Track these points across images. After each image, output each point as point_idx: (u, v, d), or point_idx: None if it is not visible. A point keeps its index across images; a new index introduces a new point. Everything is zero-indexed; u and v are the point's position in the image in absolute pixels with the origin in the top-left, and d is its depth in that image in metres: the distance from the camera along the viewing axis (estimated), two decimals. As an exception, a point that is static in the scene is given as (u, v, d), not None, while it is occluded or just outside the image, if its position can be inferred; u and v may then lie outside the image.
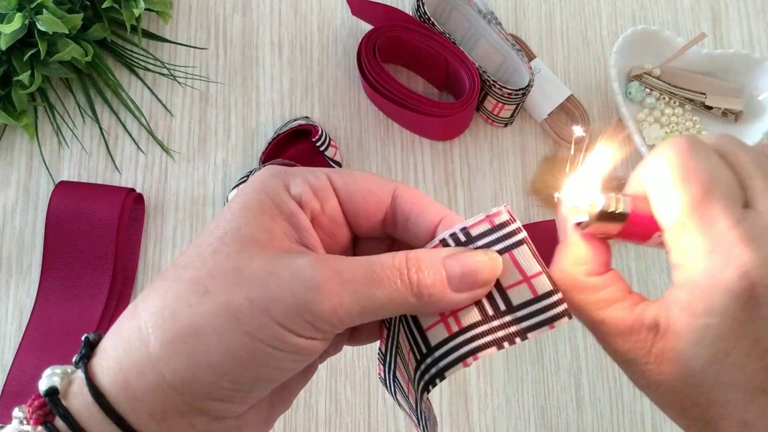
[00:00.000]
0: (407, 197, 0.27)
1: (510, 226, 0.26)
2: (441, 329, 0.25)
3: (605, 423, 0.56)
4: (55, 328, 0.56)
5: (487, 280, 0.25)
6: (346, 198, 0.26)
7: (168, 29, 0.65)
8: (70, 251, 0.57)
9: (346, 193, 0.26)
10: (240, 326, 0.23)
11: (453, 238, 0.26)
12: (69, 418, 0.23)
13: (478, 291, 0.25)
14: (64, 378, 0.24)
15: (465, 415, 0.56)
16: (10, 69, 0.57)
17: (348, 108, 0.63)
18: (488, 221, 0.26)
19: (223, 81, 0.63)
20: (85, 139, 0.62)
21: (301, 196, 0.25)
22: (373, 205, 0.27)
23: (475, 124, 0.63)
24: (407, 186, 0.27)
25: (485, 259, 0.25)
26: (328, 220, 0.26)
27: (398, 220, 0.27)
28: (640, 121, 0.62)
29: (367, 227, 0.27)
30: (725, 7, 0.67)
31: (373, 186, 0.27)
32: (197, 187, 0.61)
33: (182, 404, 0.23)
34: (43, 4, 0.55)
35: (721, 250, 0.22)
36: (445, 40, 0.58)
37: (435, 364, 0.25)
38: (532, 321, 0.25)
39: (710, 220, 0.23)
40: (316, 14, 0.65)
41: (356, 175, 0.27)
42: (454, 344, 0.25)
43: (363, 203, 0.27)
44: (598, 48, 0.65)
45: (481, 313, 0.25)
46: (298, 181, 0.26)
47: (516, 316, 0.25)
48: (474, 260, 0.25)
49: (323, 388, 0.56)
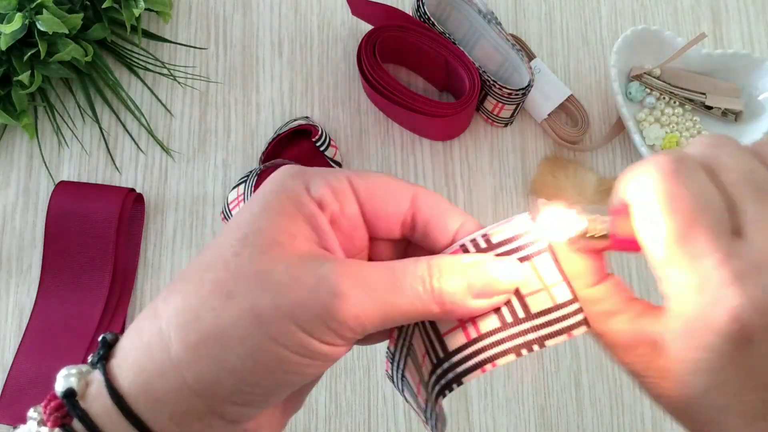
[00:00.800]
0: (427, 202, 0.27)
1: (531, 235, 0.25)
2: (459, 335, 0.25)
3: (605, 423, 0.56)
4: (55, 328, 0.56)
5: (508, 288, 0.25)
6: (365, 200, 0.26)
7: (168, 29, 0.65)
8: (70, 251, 0.57)
9: (366, 195, 0.26)
10: (264, 331, 0.22)
11: (473, 244, 0.26)
12: (88, 420, 0.23)
13: (499, 299, 0.25)
14: (80, 379, 0.24)
15: (465, 415, 0.56)
16: (10, 69, 0.57)
17: (348, 108, 0.63)
18: (509, 229, 0.26)
19: (223, 81, 0.63)
20: (85, 139, 0.62)
21: (321, 198, 0.25)
22: (393, 209, 0.26)
23: (475, 124, 0.63)
24: (427, 190, 0.27)
25: (508, 267, 0.25)
26: (347, 223, 0.26)
27: (417, 225, 0.27)
28: (640, 121, 0.62)
29: (386, 230, 0.27)
30: (725, 7, 0.67)
31: (393, 189, 0.27)
32: (197, 187, 0.61)
33: (202, 407, 0.23)
34: (43, 4, 0.55)
35: (710, 290, 0.22)
36: (445, 40, 0.58)
37: (452, 369, 0.25)
38: (551, 329, 0.25)
39: (697, 256, 0.22)
40: (316, 14, 0.65)
41: (376, 177, 0.27)
42: (472, 350, 0.25)
43: (383, 206, 0.26)
44: (598, 48, 0.65)
45: (500, 319, 0.25)
46: (318, 182, 0.25)
47: (534, 323, 0.25)
48: (496, 269, 0.25)
49: (323, 388, 0.56)
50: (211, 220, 0.60)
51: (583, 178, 0.60)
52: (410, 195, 0.27)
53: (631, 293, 0.27)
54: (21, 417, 0.58)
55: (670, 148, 0.61)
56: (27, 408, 0.24)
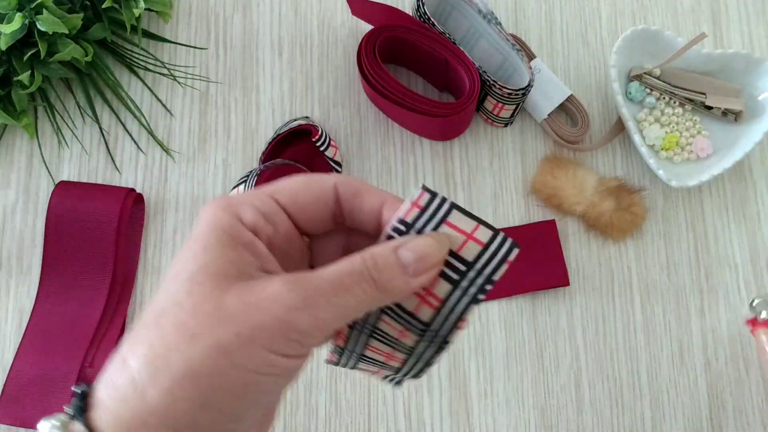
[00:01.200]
0: (347, 188, 0.28)
1: (434, 201, 0.28)
2: (426, 308, 0.28)
3: (605, 423, 0.56)
4: (55, 328, 0.56)
5: (439, 258, 0.27)
6: (293, 210, 0.28)
7: (168, 29, 0.65)
8: (70, 251, 0.57)
9: (292, 205, 0.28)
10: (231, 361, 0.24)
11: (396, 231, 0.28)
12: None
13: (434, 270, 0.27)
14: (63, 430, 0.25)
15: (465, 415, 0.56)
16: (10, 69, 0.57)
17: (348, 108, 0.63)
18: (416, 207, 0.28)
19: (223, 81, 0.63)
20: (85, 139, 0.62)
21: (255, 225, 0.27)
22: (320, 208, 0.28)
23: (475, 124, 0.63)
24: (345, 177, 0.29)
25: (430, 241, 0.27)
26: (283, 240, 0.28)
27: (344, 212, 0.29)
28: (640, 121, 0.62)
29: (320, 227, 0.29)
30: (725, 7, 0.67)
31: (314, 188, 0.28)
32: (197, 187, 0.61)
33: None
34: (43, 4, 0.55)
35: None
36: (445, 40, 0.58)
37: (437, 333, 0.28)
38: (491, 266, 0.27)
39: None
40: (316, 14, 0.65)
41: (295, 182, 0.28)
42: (442, 316, 0.28)
43: (310, 210, 0.28)
44: (598, 48, 0.65)
45: (448, 281, 0.27)
46: (248, 210, 0.27)
47: (476, 269, 0.27)
48: (420, 246, 0.27)
49: (323, 388, 0.56)
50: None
51: (583, 178, 0.60)
52: (332, 188, 0.28)
53: None
54: (21, 417, 0.59)
55: (670, 148, 0.61)
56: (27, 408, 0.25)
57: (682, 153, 0.62)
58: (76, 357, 0.54)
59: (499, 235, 0.27)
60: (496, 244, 0.27)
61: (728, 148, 0.61)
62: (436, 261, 0.27)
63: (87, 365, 0.54)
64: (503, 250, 0.27)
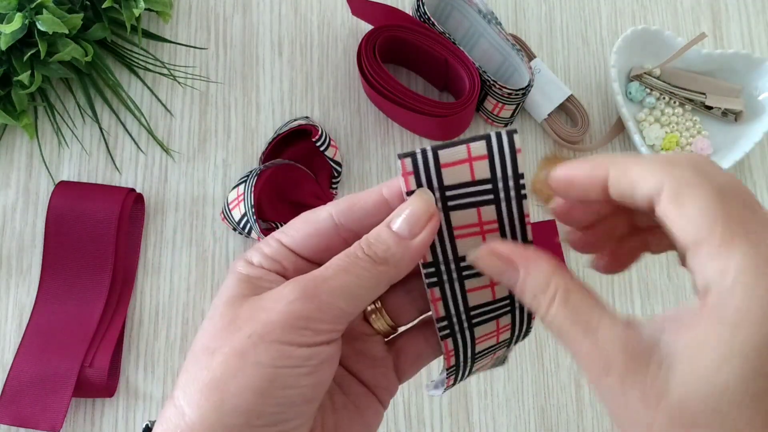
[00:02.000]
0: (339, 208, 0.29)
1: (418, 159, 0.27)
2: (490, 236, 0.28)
3: (605, 423, 0.56)
4: (55, 328, 0.56)
5: (428, 209, 0.27)
6: (301, 250, 0.29)
7: (168, 29, 0.65)
8: (70, 251, 0.57)
9: (298, 246, 0.29)
10: (247, 361, 0.25)
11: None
12: None
13: (433, 222, 0.27)
14: None
15: (465, 414, 0.56)
16: (10, 69, 0.57)
17: (348, 108, 0.63)
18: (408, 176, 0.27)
19: (223, 81, 0.63)
20: (85, 139, 0.62)
21: (261, 264, 0.28)
22: (322, 239, 0.29)
23: (475, 124, 0.63)
24: (335, 201, 0.29)
25: (411, 199, 0.27)
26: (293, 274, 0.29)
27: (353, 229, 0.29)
28: (640, 121, 0.62)
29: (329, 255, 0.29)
30: (725, 7, 0.67)
31: (313, 225, 0.29)
32: (197, 187, 0.61)
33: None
34: (43, 4, 0.55)
35: None
36: (445, 40, 0.58)
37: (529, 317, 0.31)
38: (508, 165, 0.28)
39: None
40: (316, 14, 0.65)
41: (296, 223, 0.29)
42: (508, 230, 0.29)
43: (312, 242, 0.29)
44: (598, 48, 0.65)
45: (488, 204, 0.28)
46: (255, 254, 0.29)
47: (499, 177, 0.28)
48: (403, 207, 0.27)
49: (323, 388, 0.56)
50: (211, 220, 0.60)
51: (583, 178, 0.60)
52: (327, 217, 0.28)
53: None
54: (21, 417, 0.58)
55: (670, 148, 0.61)
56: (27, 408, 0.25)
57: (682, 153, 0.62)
58: (76, 357, 0.54)
59: (492, 137, 0.27)
60: (495, 146, 0.27)
61: (728, 148, 0.61)
62: (427, 213, 0.27)
63: (87, 365, 0.54)
64: (506, 146, 0.27)
